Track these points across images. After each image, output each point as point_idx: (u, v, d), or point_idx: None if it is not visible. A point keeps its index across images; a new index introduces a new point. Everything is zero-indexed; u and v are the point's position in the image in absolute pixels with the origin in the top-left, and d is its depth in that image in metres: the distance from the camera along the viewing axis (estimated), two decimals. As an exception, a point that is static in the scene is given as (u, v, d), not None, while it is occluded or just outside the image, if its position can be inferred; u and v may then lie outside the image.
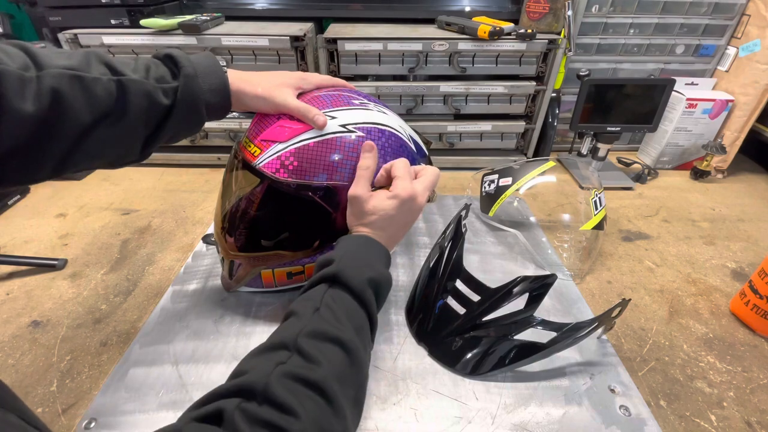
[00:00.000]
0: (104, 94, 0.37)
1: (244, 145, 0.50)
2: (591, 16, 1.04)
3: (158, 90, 0.40)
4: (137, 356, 0.55)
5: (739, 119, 1.04)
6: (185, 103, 0.42)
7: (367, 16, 1.11)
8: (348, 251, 0.44)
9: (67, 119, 0.35)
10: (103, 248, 0.80)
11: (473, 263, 0.73)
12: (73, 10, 0.95)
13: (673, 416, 0.51)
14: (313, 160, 0.47)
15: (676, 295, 0.70)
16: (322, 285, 0.40)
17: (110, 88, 0.37)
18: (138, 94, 0.39)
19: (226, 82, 0.45)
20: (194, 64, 0.43)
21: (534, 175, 0.80)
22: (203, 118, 0.44)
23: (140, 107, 0.39)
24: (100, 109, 0.37)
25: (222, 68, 0.45)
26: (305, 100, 0.51)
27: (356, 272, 0.41)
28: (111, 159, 0.42)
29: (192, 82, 0.42)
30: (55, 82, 0.34)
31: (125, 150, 0.42)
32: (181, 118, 0.43)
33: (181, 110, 0.42)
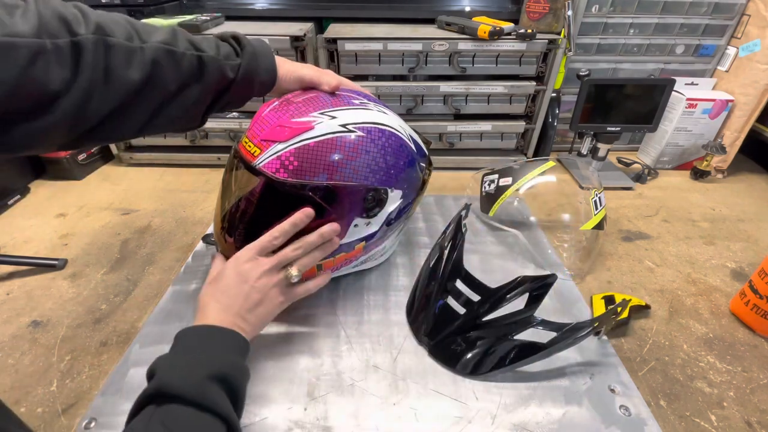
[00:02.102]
0: (188, 67, 0.42)
1: (243, 145, 0.50)
2: (591, 16, 1.04)
3: (226, 65, 0.45)
4: (137, 356, 0.55)
5: (739, 119, 1.04)
6: (244, 79, 0.47)
7: (367, 16, 1.11)
8: (176, 351, 0.38)
9: (159, 86, 0.40)
10: (103, 248, 0.80)
11: (473, 263, 0.73)
12: (73, 10, 0.95)
13: (673, 416, 0.51)
14: (313, 160, 0.47)
15: (676, 295, 0.70)
16: (148, 408, 0.32)
17: (193, 61, 0.42)
18: (213, 68, 0.44)
19: (275, 62, 0.50)
20: (253, 45, 0.48)
21: (534, 175, 0.80)
22: (255, 92, 0.49)
23: (214, 79, 0.45)
24: (183, 79, 0.42)
25: (272, 51, 0.50)
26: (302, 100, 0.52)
27: (186, 373, 0.34)
28: (182, 123, 0.47)
29: (253, 61, 0.47)
30: (155, 54, 0.39)
31: (193, 115, 0.47)
32: (237, 91, 0.47)
33: (240, 84, 0.47)
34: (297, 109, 0.49)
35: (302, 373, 0.53)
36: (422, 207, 0.91)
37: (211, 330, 0.40)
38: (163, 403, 0.32)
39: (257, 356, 0.55)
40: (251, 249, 0.46)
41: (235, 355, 0.40)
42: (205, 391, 0.33)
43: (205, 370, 0.34)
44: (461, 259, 0.62)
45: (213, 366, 0.35)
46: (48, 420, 0.50)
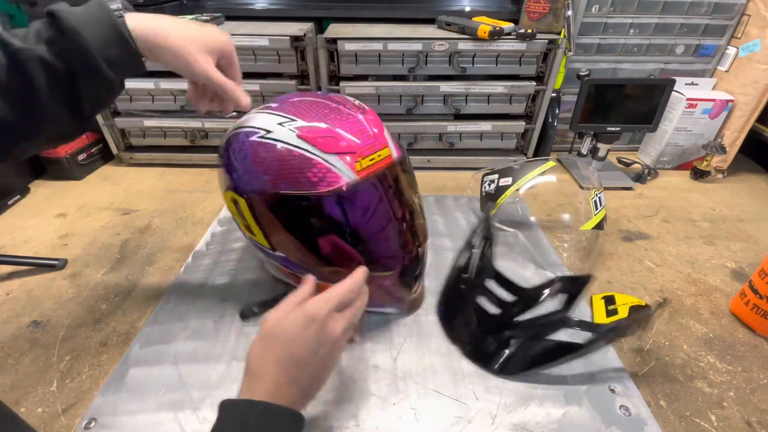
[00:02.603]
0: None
1: (377, 160, 0.49)
2: (591, 16, 1.04)
3: (50, 53, 0.36)
4: (137, 356, 0.55)
5: (739, 119, 1.04)
6: (82, 62, 0.37)
7: (367, 16, 1.11)
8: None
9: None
10: (103, 248, 0.80)
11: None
12: (73, 10, 0.95)
13: (673, 416, 0.51)
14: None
15: (676, 295, 0.70)
16: None
17: (1, 62, 0.34)
18: (32, 63, 0.35)
19: (119, 28, 0.38)
20: (78, 17, 0.36)
21: (534, 175, 0.80)
22: (111, 77, 0.38)
23: (38, 75, 0.35)
24: (2, 85, 0.34)
25: (114, 13, 0.38)
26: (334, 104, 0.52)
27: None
28: (48, 136, 0.39)
29: (77, 38, 0.36)
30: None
31: (55, 123, 0.39)
32: (87, 79, 0.38)
33: (83, 71, 0.37)
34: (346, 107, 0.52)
35: (302, 373, 0.53)
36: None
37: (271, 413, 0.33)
38: None
39: (257, 356, 0.55)
40: (330, 302, 0.38)
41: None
42: None
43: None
44: (493, 259, 0.62)
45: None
46: (48, 420, 0.50)
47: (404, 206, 0.55)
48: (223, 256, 0.74)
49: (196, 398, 0.49)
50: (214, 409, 0.48)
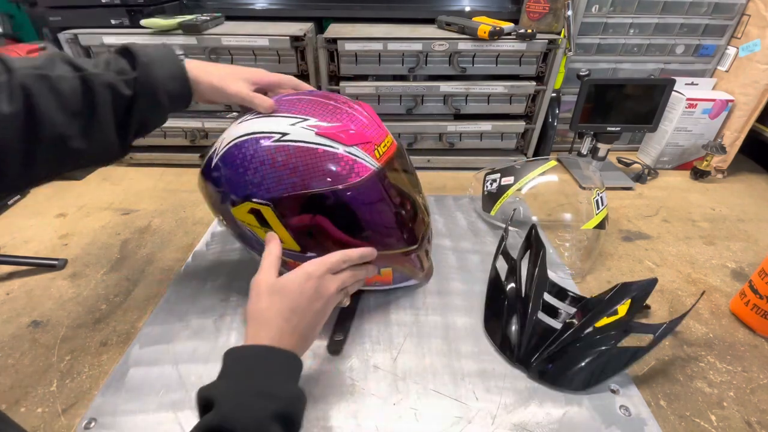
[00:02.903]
0: (70, 91, 0.38)
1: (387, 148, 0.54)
2: (591, 16, 1.04)
3: (120, 81, 0.42)
4: (137, 356, 0.55)
5: (739, 119, 1.04)
6: (146, 92, 0.43)
7: (367, 16, 1.11)
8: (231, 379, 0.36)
9: (41, 118, 0.36)
10: (103, 248, 0.80)
11: (473, 263, 0.73)
12: (73, 10, 0.95)
13: (673, 416, 0.51)
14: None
15: (676, 295, 0.70)
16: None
17: (75, 84, 0.39)
18: (102, 87, 0.40)
19: (183, 68, 0.47)
20: (150, 54, 0.44)
21: (535, 175, 0.80)
22: (165, 105, 0.46)
23: (105, 99, 0.41)
24: (70, 106, 0.38)
25: (178, 56, 0.47)
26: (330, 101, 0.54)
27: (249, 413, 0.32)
28: (95, 156, 0.44)
29: (149, 70, 0.43)
30: (24, 81, 0.36)
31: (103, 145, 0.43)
32: (144, 106, 0.44)
33: (144, 99, 0.43)
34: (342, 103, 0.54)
35: (302, 373, 0.53)
36: (422, 207, 0.91)
37: (274, 354, 0.37)
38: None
39: (257, 356, 0.55)
40: (324, 264, 0.44)
41: (294, 382, 0.37)
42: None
43: (269, 408, 0.32)
44: (546, 272, 0.61)
45: (277, 403, 0.33)
46: (48, 420, 0.50)
47: (413, 185, 0.62)
48: (223, 256, 0.74)
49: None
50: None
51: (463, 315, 0.62)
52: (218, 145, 0.53)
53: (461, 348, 0.57)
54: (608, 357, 0.52)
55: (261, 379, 0.36)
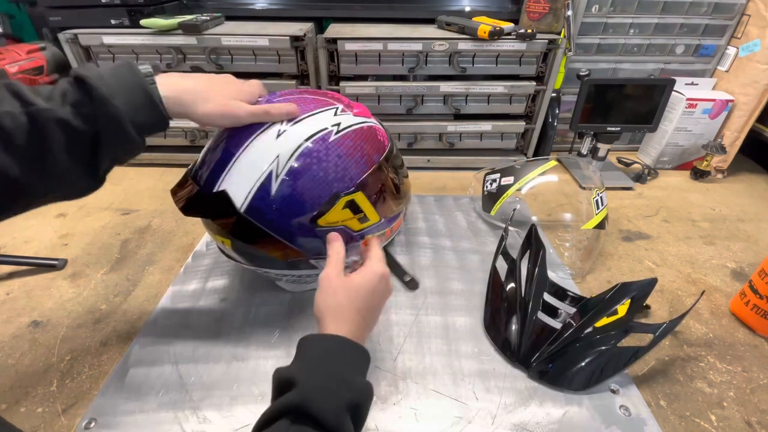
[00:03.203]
0: (16, 129, 0.34)
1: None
2: (591, 16, 1.04)
3: (75, 115, 0.36)
4: (137, 356, 0.55)
5: (739, 119, 1.04)
6: (109, 128, 0.38)
7: (367, 16, 1.11)
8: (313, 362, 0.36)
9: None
10: (103, 248, 0.80)
11: (473, 263, 0.73)
12: (73, 10, 0.95)
13: (673, 416, 0.51)
14: None
15: (676, 295, 0.70)
16: (283, 421, 0.31)
17: (21, 121, 0.34)
18: (51, 124, 0.35)
19: (151, 95, 0.40)
20: (108, 83, 0.37)
21: (535, 175, 0.80)
22: (135, 139, 0.40)
23: (57, 138, 0.35)
24: (16, 145, 0.34)
25: (145, 79, 0.40)
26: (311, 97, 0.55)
27: (328, 397, 0.32)
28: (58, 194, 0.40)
29: (107, 104, 0.37)
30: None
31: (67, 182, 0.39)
32: (111, 142, 0.39)
33: (108, 135, 0.38)
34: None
35: (302, 373, 0.53)
36: (422, 207, 0.91)
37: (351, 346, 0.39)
38: (300, 422, 0.31)
39: (257, 356, 0.55)
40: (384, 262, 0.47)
41: (364, 376, 0.39)
42: (343, 423, 0.32)
43: (346, 396, 0.33)
44: (545, 272, 0.62)
45: (352, 393, 0.34)
46: (48, 420, 0.49)
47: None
48: (223, 256, 0.74)
49: (196, 398, 0.49)
50: (214, 409, 0.48)
51: (463, 315, 0.62)
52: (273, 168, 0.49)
53: (461, 348, 0.57)
54: (608, 357, 0.52)
55: (340, 368, 0.36)
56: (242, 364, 0.54)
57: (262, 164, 0.49)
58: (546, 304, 0.59)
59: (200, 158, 0.55)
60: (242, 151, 0.49)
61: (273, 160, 0.49)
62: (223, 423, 0.47)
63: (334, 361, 0.37)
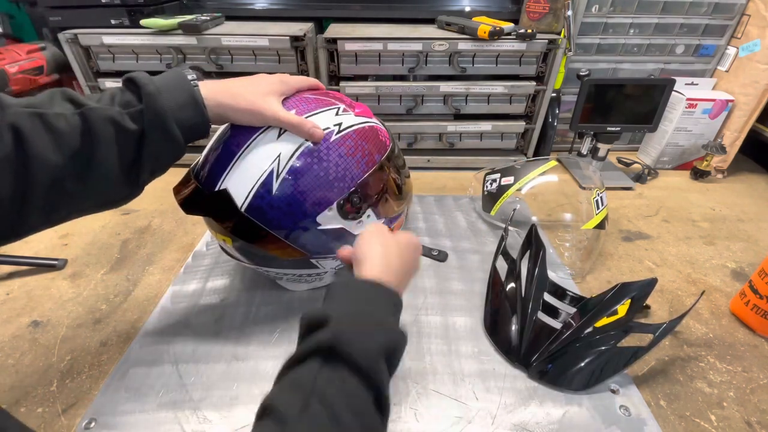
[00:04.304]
0: (68, 129, 0.35)
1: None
2: (591, 16, 1.04)
3: (124, 115, 0.38)
4: (137, 356, 0.55)
5: (739, 119, 1.04)
6: (155, 125, 0.39)
7: (367, 16, 1.11)
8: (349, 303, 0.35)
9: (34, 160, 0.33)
10: (103, 248, 0.80)
11: (473, 263, 0.73)
12: (73, 10, 0.95)
13: (673, 416, 0.51)
14: None
15: (676, 295, 0.70)
16: (314, 360, 0.30)
17: (73, 121, 0.36)
18: (103, 123, 0.37)
19: (195, 95, 0.42)
20: (156, 83, 0.40)
21: (535, 175, 0.80)
22: (179, 138, 0.41)
23: (108, 136, 0.37)
24: (68, 146, 0.35)
25: (190, 82, 0.42)
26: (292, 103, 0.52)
27: (363, 338, 0.31)
28: (98, 199, 0.40)
29: (155, 101, 0.39)
30: (14, 120, 0.33)
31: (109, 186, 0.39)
32: (155, 141, 0.40)
33: (153, 133, 0.39)
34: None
35: (302, 373, 0.53)
36: (422, 207, 0.91)
37: (386, 290, 0.37)
38: (332, 361, 0.29)
39: (257, 356, 0.55)
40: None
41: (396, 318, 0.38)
42: (378, 367, 0.30)
43: (381, 338, 0.32)
44: (545, 272, 0.62)
45: (388, 338, 0.33)
46: (48, 420, 0.49)
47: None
48: (223, 256, 0.74)
49: (196, 398, 0.49)
50: (214, 409, 0.48)
51: (463, 315, 0.62)
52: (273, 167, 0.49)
53: (461, 348, 0.57)
54: (608, 357, 0.52)
55: (377, 310, 0.36)
56: (242, 364, 0.54)
57: (264, 163, 0.49)
58: (546, 304, 0.59)
59: (202, 157, 0.55)
60: (244, 150, 0.49)
61: (274, 159, 0.49)
62: (223, 423, 0.47)
63: (370, 303, 0.36)
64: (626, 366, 0.52)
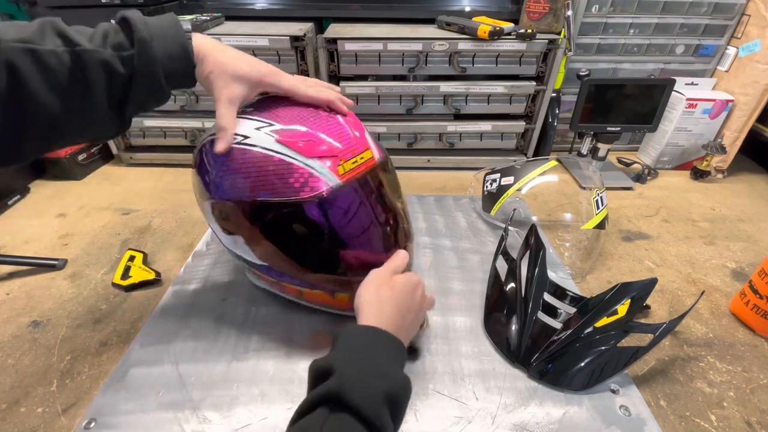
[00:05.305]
0: (60, 67, 0.35)
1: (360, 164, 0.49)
2: (591, 16, 1.04)
3: (116, 58, 0.38)
4: (137, 356, 0.55)
5: (739, 119, 1.04)
6: (144, 73, 0.39)
7: (367, 16, 1.11)
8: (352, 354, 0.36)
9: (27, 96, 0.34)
10: (103, 248, 0.80)
11: (473, 263, 0.73)
12: (73, 10, 0.95)
13: (673, 416, 0.51)
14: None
15: (676, 295, 0.70)
16: (321, 409, 0.31)
17: (65, 59, 0.36)
18: (94, 65, 0.37)
19: (187, 47, 0.41)
20: (150, 27, 0.39)
21: (535, 175, 0.80)
22: (165, 88, 0.42)
23: (98, 78, 0.37)
24: (59, 83, 0.36)
25: (184, 32, 0.41)
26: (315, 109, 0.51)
27: (365, 386, 0.32)
28: (89, 134, 0.42)
29: (147, 48, 0.39)
30: (9, 57, 0.33)
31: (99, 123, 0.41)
32: (142, 86, 0.40)
33: (141, 78, 0.40)
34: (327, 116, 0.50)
35: (302, 373, 0.53)
36: (422, 207, 0.91)
37: (390, 339, 0.39)
38: (338, 410, 0.31)
39: (257, 356, 0.55)
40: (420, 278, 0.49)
41: (402, 369, 0.39)
42: (381, 413, 0.31)
43: (382, 386, 0.33)
44: (545, 272, 0.61)
45: (389, 383, 0.34)
46: (48, 420, 0.50)
47: (387, 209, 0.55)
48: (223, 256, 0.74)
49: (196, 398, 0.49)
50: (214, 409, 0.48)
51: (463, 315, 0.62)
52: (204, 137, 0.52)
53: (461, 348, 0.57)
54: (608, 357, 0.52)
55: (378, 358, 0.37)
56: (242, 364, 0.54)
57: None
58: (546, 304, 0.59)
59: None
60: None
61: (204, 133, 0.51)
62: (223, 423, 0.47)
63: (371, 352, 0.37)
64: (626, 366, 0.52)
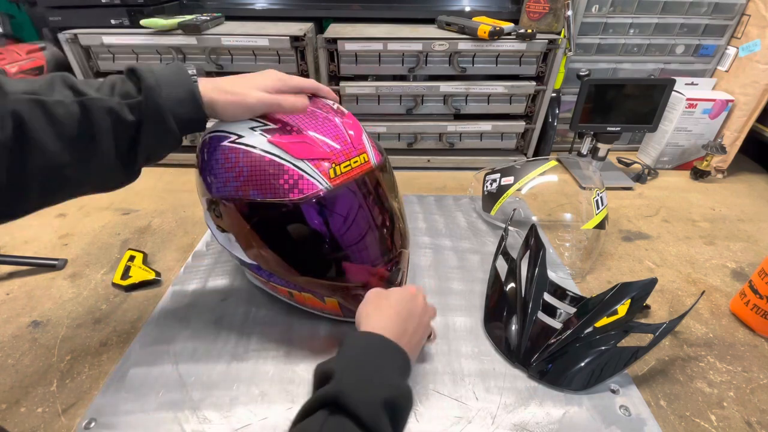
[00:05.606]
0: (67, 117, 0.36)
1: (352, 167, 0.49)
2: (591, 16, 1.04)
3: (123, 106, 0.39)
4: (137, 356, 0.55)
5: (739, 119, 1.04)
6: (152, 118, 0.40)
7: (367, 16, 1.11)
8: (353, 359, 0.37)
9: (34, 147, 0.34)
10: (103, 248, 0.80)
11: (473, 263, 0.73)
12: (73, 10, 0.95)
13: (673, 416, 0.51)
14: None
15: (676, 295, 0.70)
16: (321, 412, 0.32)
17: (73, 109, 0.36)
18: (101, 113, 0.38)
19: (194, 91, 0.42)
20: (157, 76, 0.40)
21: (535, 175, 0.80)
22: (175, 132, 0.42)
23: (105, 126, 0.38)
24: (67, 133, 0.36)
25: (190, 78, 0.43)
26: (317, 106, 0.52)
27: (365, 392, 0.33)
28: (95, 184, 0.42)
29: (154, 94, 0.40)
30: (16, 107, 0.33)
31: (105, 173, 0.41)
32: (151, 133, 0.41)
33: (150, 125, 0.40)
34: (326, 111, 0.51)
35: (302, 373, 0.53)
36: (422, 207, 0.91)
37: (393, 347, 0.39)
38: (337, 414, 0.31)
39: (257, 356, 0.55)
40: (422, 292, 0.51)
41: (405, 379, 0.38)
42: (379, 418, 0.32)
43: (383, 393, 0.33)
44: (545, 272, 0.61)
45: (388, 390, 0.34)
46: (48, 420, 0.50)
47: (383, 213, 0.54)
48: (223, 256, 0.74)
49: (196, 398, 0.49)
50: (214, 409, 0.48)
51: (463, 315, 0.62)
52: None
53: (461, 348, 0.57)
54: (608, 357, 0.52)
55: (380, 366, 0.37)
56: (242, 364, 0.54)
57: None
58: (546, 304, 0.59)
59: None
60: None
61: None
62: (223, 423, 0.47)
63: (371, 357, 0.38)
64: (626, 366, 0.52)
